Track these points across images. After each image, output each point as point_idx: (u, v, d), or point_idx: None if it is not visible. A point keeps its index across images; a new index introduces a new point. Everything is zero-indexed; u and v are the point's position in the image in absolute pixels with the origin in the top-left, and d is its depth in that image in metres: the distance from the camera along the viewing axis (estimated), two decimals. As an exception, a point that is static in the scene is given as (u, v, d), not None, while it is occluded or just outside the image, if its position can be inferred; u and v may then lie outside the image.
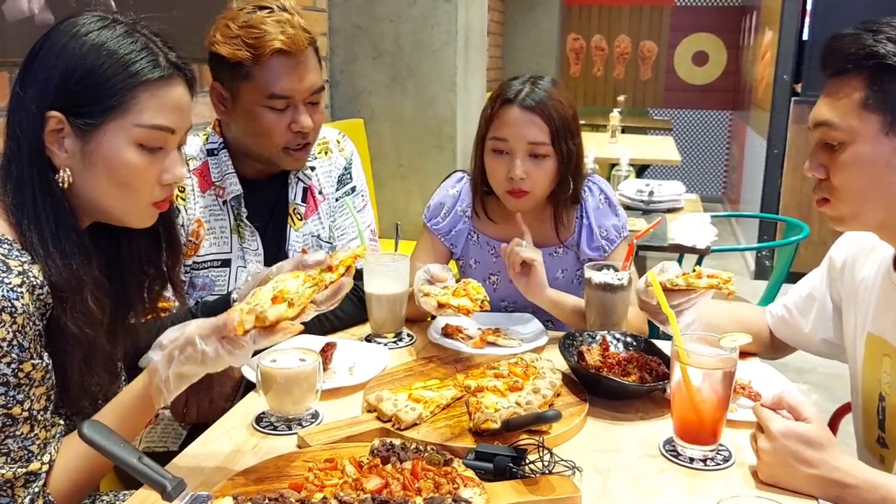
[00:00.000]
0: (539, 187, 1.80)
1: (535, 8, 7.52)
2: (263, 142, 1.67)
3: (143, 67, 1.14)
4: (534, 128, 1.75)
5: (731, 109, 8.45)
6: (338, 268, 1.34)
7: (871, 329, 1.40)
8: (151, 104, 1.15)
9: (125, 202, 1.19)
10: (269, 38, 1.59)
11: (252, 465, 1.17)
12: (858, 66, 1.22)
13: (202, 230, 1.73)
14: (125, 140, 1.15)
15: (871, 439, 1.40)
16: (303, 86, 1.64)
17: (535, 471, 1.16)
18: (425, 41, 3.67)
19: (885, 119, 1.21)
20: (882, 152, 1.22)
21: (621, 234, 1.92)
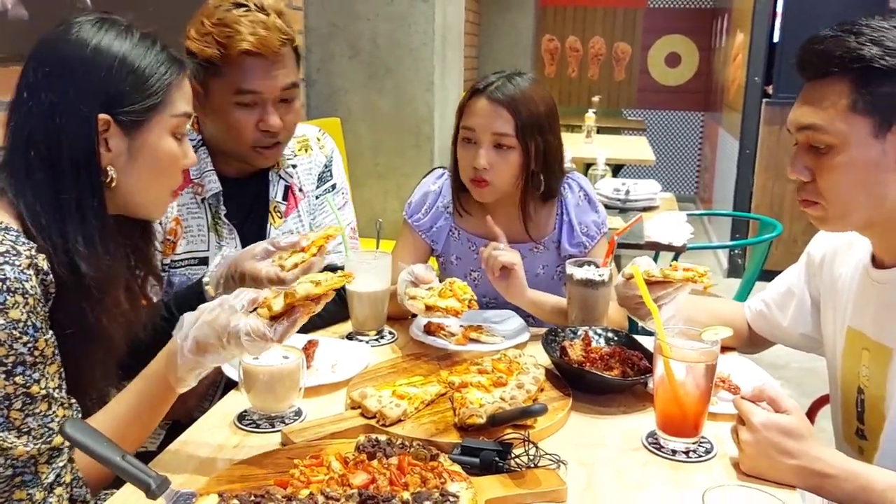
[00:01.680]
0: (502, 179, 1.81)
1: (511, 9, 7.55)
2: (234, 139, 1.67)
3: (170, 67, 1.23)
4: (500, 119, 1.77)
5: (703, 110, 8.54)
6: (310, 248, 1.41)
7: (851, 323, 1.41)
8: (180, 96, 1.25)
9: (160, 191, 1.28)
10: (239, 39, 1.58)
11: (236, 462, 1.17)
12: (843, 70, 1.21)
13: (179, 228, 1.71)
14: (165, 131, 1.23)
15: (851, 431, 1.42)
16: (272, 84, 1.64)
17: (520, 465, 1.17)
18: (403, 40, 3.66)
19: (874, 122, 1.21)
20: (871, 155, 1.22)
21: (601, 230, 1.93)
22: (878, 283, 1.35)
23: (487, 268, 1.71)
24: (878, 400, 1.33)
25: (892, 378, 1.30)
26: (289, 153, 1.84)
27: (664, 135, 8.69)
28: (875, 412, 1.35)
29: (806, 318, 1.58)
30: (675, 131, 8.71)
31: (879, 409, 1.33)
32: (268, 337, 1.12)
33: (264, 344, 1.13)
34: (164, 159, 1.24)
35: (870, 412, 1.36)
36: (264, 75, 1.62)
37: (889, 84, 1.19)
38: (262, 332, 1.11)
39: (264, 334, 1.11)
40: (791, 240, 5.32)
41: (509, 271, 1.69)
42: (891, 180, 1.23)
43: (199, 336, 1.12)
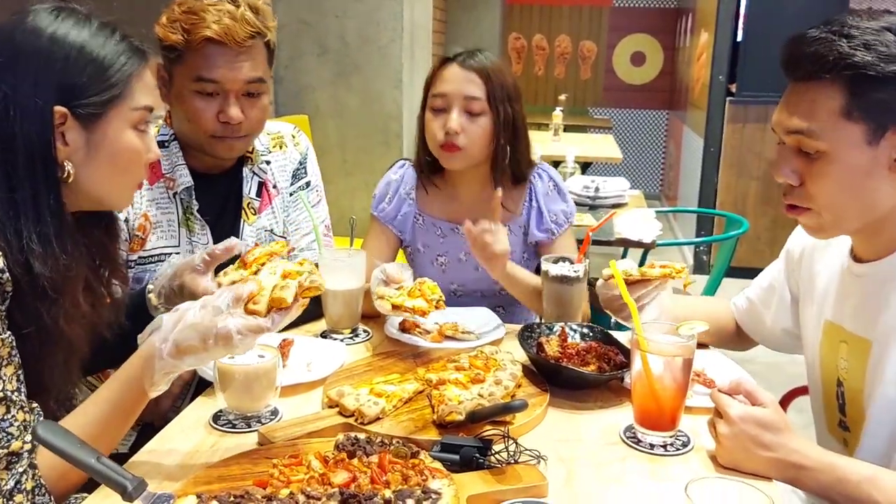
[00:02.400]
0: (473, 143, 1.83)
1: (477, 6, 7.55)
2: (193, 128, 1.65)
3: (130, 57, 1.19)
4: (471, 84, 1.82)
5: (667, 109, 8.62)
6: (251, 265, 1.32)
7: (830, 317, 1.42)
8: (140, 87, 1.20)
9: (122, 186, 1.23)
10: (203, 26, 1.56)
11: (214, 463, 1.15)
12: (835, 74, 1.18)
13: (148, 224, 1.68)
14: (125, 124, 1.19)
15: (834, 423, 1.43)
16: (234, 75, 1.61)
17: (501, 461, 1.16)
18: (371, 37, 3.65)
19: (868, 128, 1.19)
20: (863, 162, 1.20)
21: (569, 219, 1.97)
22: (857, 277, 1.35)
23: (475, 247, 1.69)
24: (857, 393, 1.35)
25: (872, 370, 1.31)
26: (263, 150, 1.81)
27: (630, 133, 8.76)
28: (855, 405, 1.36)
29: (787, 314, 1.60)
30: (640, 129, 8.79)
31: (859, 402, 1.35)
32: (264, 327, 1.11)
33: (255, 339, 1.11)
34: (124, 154, 1.19)
35: (850, 405, 1.38)
36: (226, 65, 1.59)
37: (883, 91, 1.17)
38: (255, 326, 1.10)
39: (259, 326, 1.10)
40: (755, 237, 5.39)
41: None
42: (881, 187, 1.22)
43: (180, 339, 1.09)
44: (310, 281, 1.16)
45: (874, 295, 1.31)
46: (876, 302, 1.31)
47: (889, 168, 1.21)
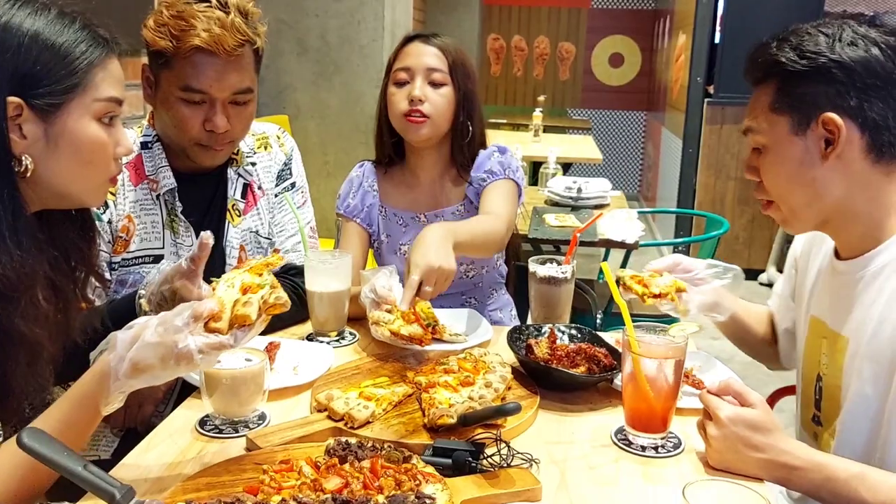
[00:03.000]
0: (438, 113, 1.86)
1: (456, 7, 7.55)
2: (178, 133, 1.62)
3: (91, 45, 1.13)
4: (434, 57, 1.87)
5: (645, 110, 8.68)
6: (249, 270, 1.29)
7: (814, 312, 1.46)
8: (104, 78, 1.15)
9: (88, 180, 1.18)
10: (192, 34, 1.53)
11: (202, 469, 1.12)
12: (768, 75, 1.32)
13: (132, 226, 1.65)
14: (88, 116, 1.13)
15: (808, 417, 1.46)
16: (221, 85, 1.58)
17: (493, 464, 1.15)
18: (352, 37, 3.63)
19: (792, 120, 1.29)
20: (795, 151, 1.30)
21: (505, 171, 1.93)
22: (837, 274, 1.39)
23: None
24: (834, 389, 1.37)
25: (848, 367, 1.33)
26: (248, 151, 1.79)
27: (608, 134, 8.81)
28: (831, 400, 1.38)
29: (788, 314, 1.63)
30: (618, 130, 8.84)
31: (835, 398, 1.37)
32: (226, 345, 1.05)
33: (217, 357, 1.07)
34: (87, 146, 1.14)
35: (826, 400, 1.40)
36: (214, 75, 1.56)
37: (803, 85, 1.27)
38: (217, 344, 1.04)
39: (221, 343, 1.04)
40: (733, 237, 5.44)
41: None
42: (820, 175, 1.29)
43: (137, 359, 1.02)
44: (275, 298, 1.12)
45: (850, 292, 1.34)
46: (851, 300, 1.34)
47: (822, 157, 1.28)
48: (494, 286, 2.07)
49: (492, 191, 1.88)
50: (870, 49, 1.24)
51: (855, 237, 1.34)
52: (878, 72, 1.24)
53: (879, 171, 1.28)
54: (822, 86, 1.25)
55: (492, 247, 1.75)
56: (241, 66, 1.60)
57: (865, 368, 1.30)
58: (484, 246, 1.73)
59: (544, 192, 3.56)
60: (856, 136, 1.26)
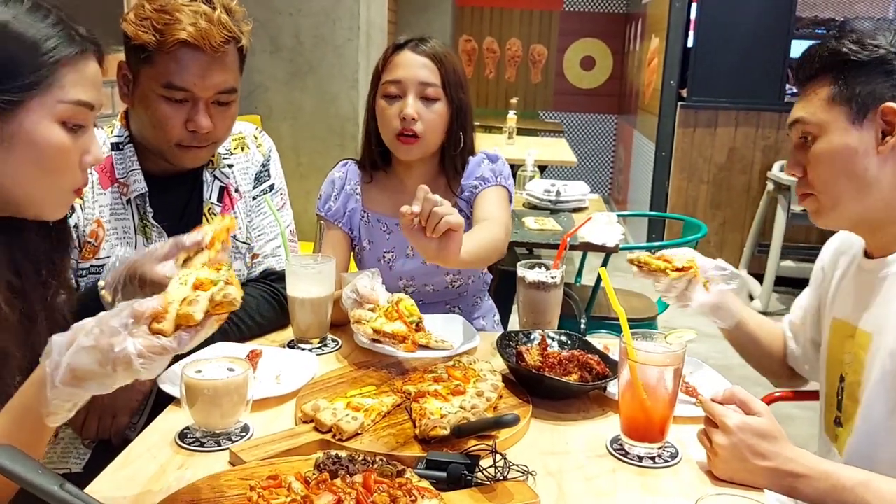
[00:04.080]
0: (431, 131, 1.79)
1: (428, 8, 7.51)
2: (157, 133, 1.55)
3: (61, 42, 1.06)
4: (425, 69, 1.78)
5: (616, 113, 8.71)
6: (213, 244, 1.26)
7: (836, 315, 1.47)
8: (74, 80, 1.07)
9: (48, 188, 1.09)
10: (177, 28, 1.46)
11: (184, 487, 1.06)
12: (825, 66, 1.33)
13: (101, 231, 1.58)
14: (50, 118, 1.05)
15: (830, 421, 1.46)
16: (206, 83, 1.52)
17: (489, 477, 1.11)
18: (327, 36, 3.57)
19: (850, 111, 1.30)
20: (851, 141, 1.31)
21: (497, 178, 1.86)
22: (865, 273, 1.41)
23: (428, 226, 1.35)
24: (855, 386, 1.37)
25: (870, 361, 1.34)
26: (224, 152, 1.72)
27: (579, 137, 8.82)
28: (852, 398, 1.38)
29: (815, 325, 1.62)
30: (589, 133, 8.86)
31: (855, 395, 1.37)
32: (168, 349, 0.93)
33: (163, 361, 0.94)
34: (45, 150, 1.06)
35: (847, 398, 1.40)
36: (199, 73, 1.50)
37: (864, 75, 1.29)
38: (159, 348, 0.92)
39: (163, 347, 0.92)
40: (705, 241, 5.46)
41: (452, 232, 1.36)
42: (871, 166, 1.31)
43: (75, 364, 0.91)
44: (223, 295, 0.97)
45: (873, 288, 1.37)
46: (875, 295, 1.36)
47: (876, 147, 1.30)
48: (479, 294, 2.03)
49: (485, 197, 1.82)
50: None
51: (889, 235, 1.36)
52: None
53: None
54: (882, 76, 1.29)
55: (495, 255, 1.67)
56: (226, 64, 1.54)
57: (888, 362, 1.30)
58: (488, 256, 1.64)
59: (523, 194, 3.53)
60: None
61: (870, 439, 1.31)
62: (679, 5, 5.73)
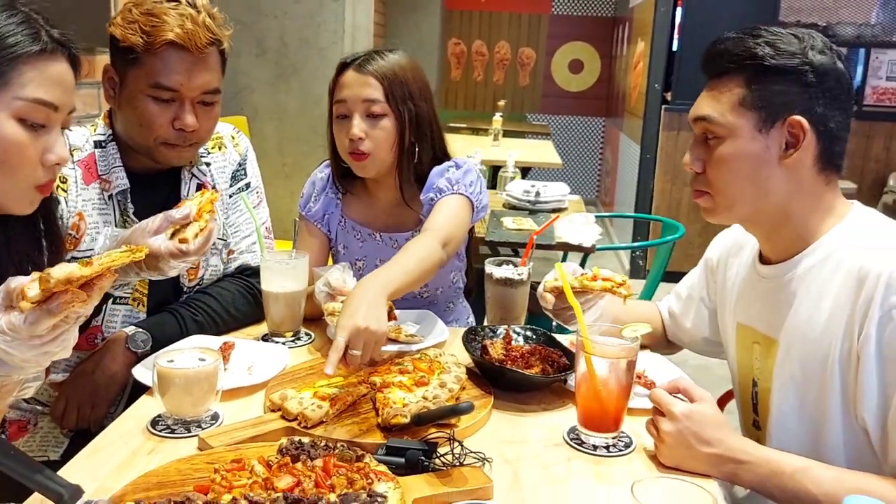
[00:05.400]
0: (379, 147, 1.81)
1: (417, 10, 7.56)
2: (144, 132, 1.59)
3: (22, 40, 1.08)
4: (368, 87, 1.79)
5: (604, 116, 8.77)
6: (201, 215, 1.37)
7: (741, 319, 1.48)
8: (33, 78, 1.09)
9: (5, 183, 1.11)
10: (165, 30, 1.52)
11: (153, 469, 1.11)
12: (739, 66, 1.30)
13: (83, 224, 1.63)
14: (5, 114, 1.08)
15: (749, 423, 1.49)
16: (192, 83, 1.57)
17: (446, 463, 1.16)
18: (311, 39, 3.62)
19: (759, 117, 1.28)
20: (755, 148, 1.29)
21: (453, 186, 1.83)
22: (763, 279, 1.41)
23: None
24: (766, 392, 1.40)
25: (778, 369, 1.36)
26: (202, 151, 1.77)
27: (567, 139, 8.88)
28: (765, 403, 1.41)
29: (706, 323, 1.66)
30: (577, 136, 8.92)
31: (767, 402, 1.40)
32: (20, 330, 0.92)
33: (30, 342, 0.93)
34: (0, 145, 1.08)
35: (761, 404, 1.43)
36: (185, 72, 1.55)
37: (776, 82, 1.27)
38: (16, 327, 0.91)
39: (17, 327, 0.91)
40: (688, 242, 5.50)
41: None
42: (773, 175, 1.30)
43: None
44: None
45: (778, 296, 1.37)
46: (780, 303, 1.36)
47: (779, 158, 1.29)
48: (451, 300, 2.05)
49: (435, 209, 1.80)
50: (836, 60, 1.28)
51: (785, 240, 1.36)
52: (842, 83, 1.29)
53: (822, 181, 1.32)
54: (796, 87, 1.27)
55: (432, 269, 1.66)
56: (210, 65, 1.60)
57: (796, 370, 1.33)
58: (423, 275, 1.62)
59: (503, 195, 3.59)
60: (813, 142, 1.28)
61: (783, 446, 1.32)
62: (664, 9, 5.80)
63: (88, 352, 1.60)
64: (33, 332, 0.92)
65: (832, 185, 1.34)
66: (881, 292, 1.20)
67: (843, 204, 1.36)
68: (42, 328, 0.92)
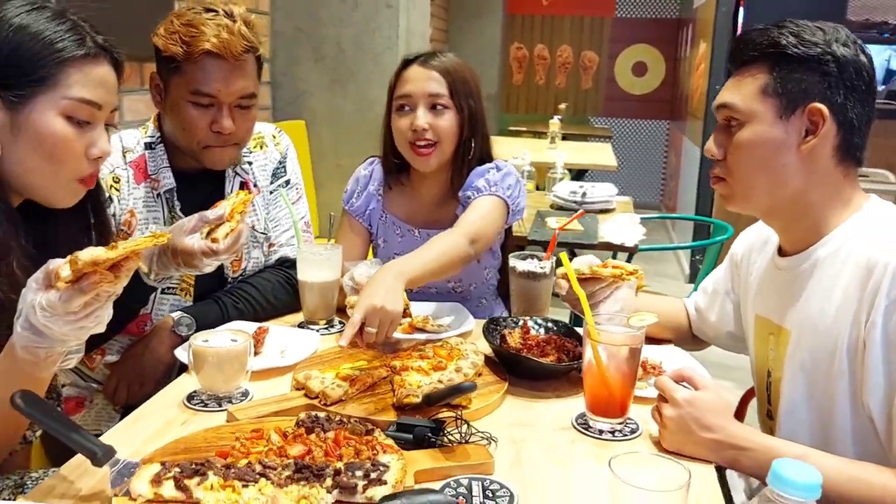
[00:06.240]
0: (443, 138, 1.89)
1: (480, 16, 7.64)
2: (186, 136, 1.72)
3: (69, 45, 1.20)
4: (433, 82, 1.88)
5: (668, 119, 8.68)
6: (232, 215, 1.46)
7: (759, 311, 1.51)
8: (79, 79, 1.21)
9: (51, 176, 1.23)
10: (202, 39, 1.64)
11: (181, 437, 1.22)
12: (763, 55, 1.34)
13: (134, 220, 1.76)
14: (53, 111, 1.20)
15: (764, 414, 1.52)
16: (229, 89, 1.68)
17: (452, 441, 1.23)
18: (367, 45, 3.73)
19: (780, 104, 1.32)
20: (775, 135, 1.32)
21: (491, 187, 1.91)
22: (779, 270, 1.45)
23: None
24: (778, 382, 1.43)
25: (790, 359, 1.39)
26: (245, 151, 1.90)
27: (630, 143, 8.82)
28: (776, 393, 1.44)
29: (729, 318, 1.69)
30: (640, 139, 8.85)
31: (778, 391, 1.43)
32: (56, 307, 1.01)
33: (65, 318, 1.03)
34: (48, 141, 1.19)
35: (774, 394, 1.46)
36: (222, 79, 1.67)
37: (798, 70, 1.31)
38: (53, 304, 1.01)
39: (54, 304, 1.01)
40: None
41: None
42: (791, 162, 1.33)
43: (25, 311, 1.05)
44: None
45: (792, 286, 1.40)
46: (794, 293, 1.39)
47: (798, 145, 1.32)
48: (483, 296, 2.11)
49: (469, 207, 1.88)
50: (859, 54, 1.31)
51: (800, 231, 1.39)
52: (864, 76, 1.31)
53: (840, 172, 1.35)
54: (817, 76, 1.30)
55: (455, 263, 1.74)
56: (246, 71, 1.71)
57: (806, 359, 1.36)
58: (443, 268, 1.70)
59: (550, 196, 3.63)
60: (832, 132, 1.31)
61: (792, 435, 1.35)
62: (725, 9, 5.73)
63: (139, 336, 1.73)
64: (67, 309, 1.01)
65: (850, 178, 1.36)
66: (888, 281, 1.22)
67: (860, 196, 1.38)
68: (75, 305, 1.02)
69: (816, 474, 0.86)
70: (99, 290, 1.03)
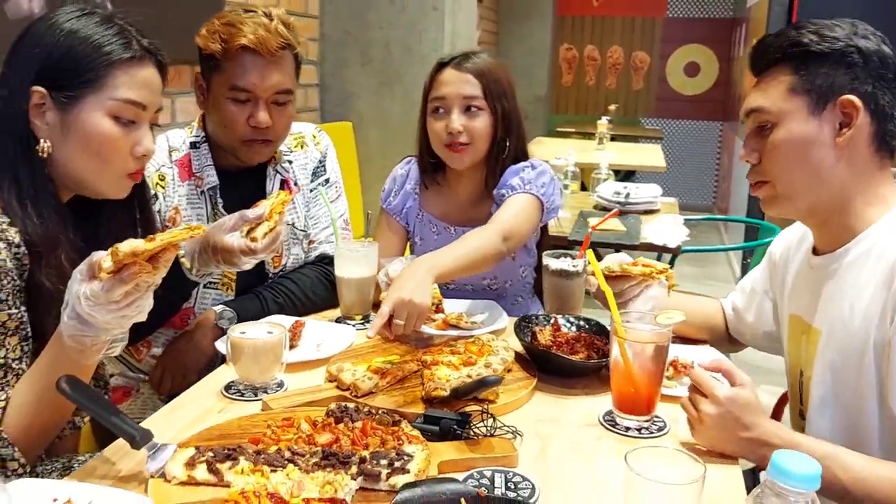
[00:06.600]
0: (477, 139, 1.92)
1: (529, 18, 7.64)
2: (226, 132, 1.79)
3: (116, 48, 1.27)
4: (467, 84, 1.92)
5: (721, 120, 8.56)
6: (271, 215, 1.50)
7: (792, 310, 1.50)
8: (125, 81, 1.28)
9: (100, 171, 1.30)
10: (240, 36, 1.71)
11: (217, 424, 1.28)
12: (785, 57, 1.35)
13: (178, 216, 1.83)
14: (101, 111, 1.27)
15: (796, 413, 1.51)
16: (264, 83, 1.74)
17: (477, 433, 1.26)
18: (414, 47, 3.78)
19: (810, 101, 1.32)
20: (809, 131, 1.33)
21: (525, 185, 1.93)
22: (813, 269, 1.44)
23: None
24: (808, 380, 1.42)
25: (819, 357, 1.39)
26: (285, 150, 1.95)
27: (681, 144, 8.72)
28: (807, 392, 1.43)
29: (768, 317, 1.67)
30: (693, 140, 8.74)
31: (809, 389, 1.42)
32: (99, 296, 1.07)
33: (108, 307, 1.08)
34: (95, 139, 1.26)
35: (805, 393, 1.45)
36: (258, 74, 1.73)
37: (823, 65, 1.32)
38: (96, 293, 1.07)
39: (97, 294, 1.07)
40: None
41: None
42: (828, 157, 1.33)
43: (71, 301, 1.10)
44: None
45: (824, 285, 1.39)
46: (825, 292, 1.39)
47: (833, 139, 1.32)
48: (519, 294, 2.13)
49: (504, 205, 1.91)
50: (881, 45, 1.32)
51: (836, 229, 1.38)
52: (890, 64, 1.32)
53: (876, 163, 1.34)
54: (842, 69, 1.30)
55: (487, 260, 1.77)
56: (283, 67, 1.77)
57: (836, 358, 1.35)
58: (475, 264, 1.74)
59: (594, 196, 3.63)
60: (866, 121, 1.31)
61: (821, 433, 1.34)
62: (779, 8, 5.63)
63: (183, 329, 1.80)
64: (110, 298, 1.07)
65: (885, 172, 1.36)
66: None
67: (893, 194, 1.37)
68: (116, 295, 1.07)
69: (815, 466, 0.86)
70: (139, 280, 1.08)
